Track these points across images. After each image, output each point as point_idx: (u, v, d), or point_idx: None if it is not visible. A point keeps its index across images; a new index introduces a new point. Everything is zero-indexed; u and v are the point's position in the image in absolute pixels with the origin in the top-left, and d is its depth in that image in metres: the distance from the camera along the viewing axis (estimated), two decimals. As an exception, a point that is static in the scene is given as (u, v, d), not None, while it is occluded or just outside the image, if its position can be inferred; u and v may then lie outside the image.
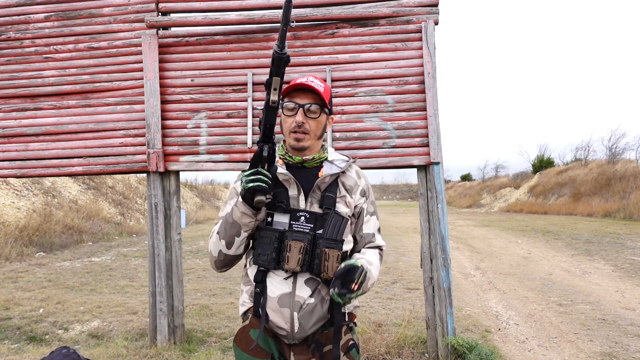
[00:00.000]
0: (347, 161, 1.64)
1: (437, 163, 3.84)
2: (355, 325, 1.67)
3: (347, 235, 1.58)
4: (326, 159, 1.63)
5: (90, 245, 11.59)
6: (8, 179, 11.93)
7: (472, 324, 4.81)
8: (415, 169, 3.96)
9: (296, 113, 1.54)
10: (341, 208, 1.56)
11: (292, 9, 3.94)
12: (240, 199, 1.46)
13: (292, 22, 1.29)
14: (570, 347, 4.16)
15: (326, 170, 1.59)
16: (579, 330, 4.59)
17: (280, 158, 1.61)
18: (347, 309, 1.59)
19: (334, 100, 3.96)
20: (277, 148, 1.64)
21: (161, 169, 4.08)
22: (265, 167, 1.45)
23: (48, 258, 9.49)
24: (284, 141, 1.64)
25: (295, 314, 1.47)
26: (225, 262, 1.56)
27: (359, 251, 1.64)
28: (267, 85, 1.36)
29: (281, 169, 1.54)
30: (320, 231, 1.50)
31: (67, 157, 4.25)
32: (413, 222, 17.82)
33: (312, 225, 1.51)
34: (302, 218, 1.51)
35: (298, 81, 1.55)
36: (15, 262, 8.87)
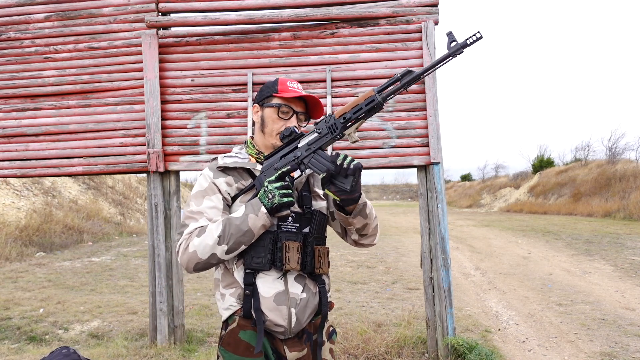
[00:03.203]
0: None
1: (437, 163, 3.84)
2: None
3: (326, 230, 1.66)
4: None
5: (90, 245, 11.59)
6: (8, 179, 11.92)
7: (472, 324, 4.81)
8: (415, 169, 3.96)
9: (290, 118, 1.60)
10: (317, 205, 1.62)
11: (293, 9, 3.97)
12: (264, 209, 1.44)
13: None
14: (570, 347, 4.16)
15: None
16: (579, 330, 4.59)
17: (252, 156, 1.63)
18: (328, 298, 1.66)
19: (334, 100, 3.97)
20: (243, 147, 1.68)
21: (161, 169, 4.08)
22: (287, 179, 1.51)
23: (48, 258, 9.49)
24: (252, 138, 1.68)
25: (293, 309, 1.51)
26: (209, 265, 1.49)
27: None
28: (353, 120, 1.47)
29: (260, 167, 1.58)
30: (305, 230, 1.55)
31: (67, 157, 4.25)
32: (413, 222, 17.82)
33: (298, 225, 1.54)
34: (290, 218, 1.53)
35: (298, 90, 1.62)
36: (15, 262, 8.87)
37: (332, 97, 3.95)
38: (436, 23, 3.88)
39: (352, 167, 1.42)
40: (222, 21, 4.00)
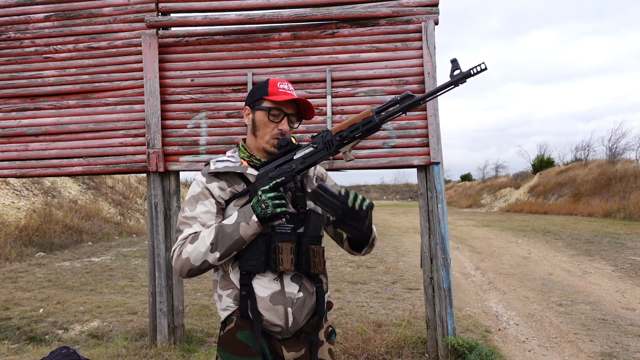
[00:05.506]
0: None
1: (437, 163, 3.84)
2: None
3: (322, 230, 1.66)
4: None
5: (90, 245, 11.58)
6: (8, 179, 11.92)
7: (472, 324, 4.81)
8: (415, 169, 3.96)
9: (280, 120, 1.60)
10: (311, 204, 1.61)
11: (293, 9, 3.96)
12: (255, 218, 1.46)
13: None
14: (570, 347, 4.16)
15: None
16: (579, 330, 4.59)
17: (244, 160, 1.63)
18: (326, 298, 1.65)
19: (334, 100, 3.97)
20: (236, 150, 1.68)
21: (161, 169, 4.08)
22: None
23: (48, 258, 9.49)
24: (244, 140, 1.68)
25: (290, 309, 1.51)
26: (202, 271, 1.53)
27: None
28: (350, 139, 1.49)
29: (251, 171, 1.58)
30: (300, 230, 1.55)
31: (67, 157, 4.25)
32: (413, 222, 17.80)
33: (292, 226, 1.55)
34: (284, 219, 1.54)
35: (289, 91, 1.61)
36: (15, 262, 8.87)
37: (332, 97, 3.95)
38: (436, 23, 3.88)
39: (364, 207, 1.44)
40: (222, 21, 4.00)
